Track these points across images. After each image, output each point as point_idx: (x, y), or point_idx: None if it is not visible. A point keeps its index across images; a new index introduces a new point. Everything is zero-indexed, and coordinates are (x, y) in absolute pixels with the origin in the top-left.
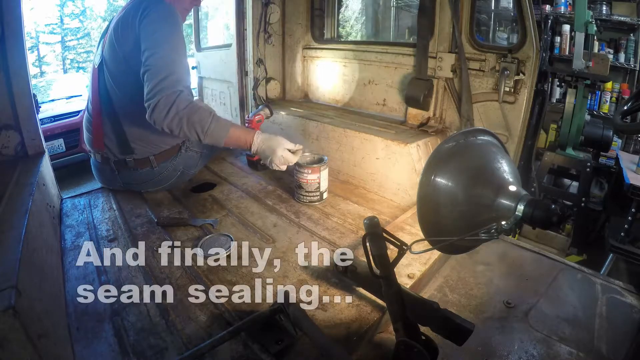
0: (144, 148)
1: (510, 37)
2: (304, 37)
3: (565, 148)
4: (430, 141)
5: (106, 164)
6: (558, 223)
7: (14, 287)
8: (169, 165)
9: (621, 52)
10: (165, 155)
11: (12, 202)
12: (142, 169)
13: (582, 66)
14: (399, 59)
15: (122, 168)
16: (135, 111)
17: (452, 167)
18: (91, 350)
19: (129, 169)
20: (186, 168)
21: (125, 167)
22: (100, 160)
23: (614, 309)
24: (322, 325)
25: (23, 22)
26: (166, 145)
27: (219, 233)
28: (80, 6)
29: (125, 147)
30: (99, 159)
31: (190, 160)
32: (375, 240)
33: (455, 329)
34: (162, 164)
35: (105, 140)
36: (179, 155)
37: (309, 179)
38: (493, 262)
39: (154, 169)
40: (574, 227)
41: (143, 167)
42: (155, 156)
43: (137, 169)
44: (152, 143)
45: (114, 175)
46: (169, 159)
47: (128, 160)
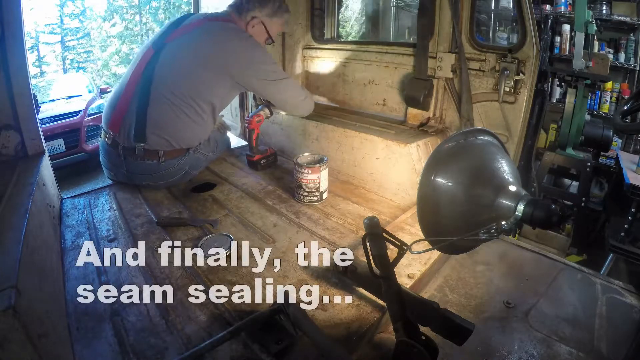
0: (158, 140)
1: (510, 37)
2: (304, 37)
3: (565, 148)
4: (430, 141)
5: (115, 147)
6: (558, 223)
7: (14, 287)
8: (175, 163)
9: (621, 52)
10: (174, 154)
11: (12, 202)
12: (148, 160)
13: (582, 66)
14: (399, 59)
15: (129, 155)
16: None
17: (452, 167)
18: (91, 350)
19: (135, 158)
20: (191, 169)
21: (132, 155)
22: (109, 143)
23: (614, 309)
24: (322, 325)
25: (23, 22)
26: (178, 145)
27: (219, 233)
28: (80, 6)
29: (140, 133)
30: (109, 140)
31: (196, 162)
32: (375, 240)
33: (455, 329)
34: (169, 161)
35: (125, 120)
36: (187, 155)
37: (309, 179)
38: (493, 262)
39: (160, 164)
40: (574, 227)
41: (151, 158)
42: (164, 152)
43: (144, 160)
44: (168, 138)
45: (119, 161)
46: (177, 157)
47: (138, 148)
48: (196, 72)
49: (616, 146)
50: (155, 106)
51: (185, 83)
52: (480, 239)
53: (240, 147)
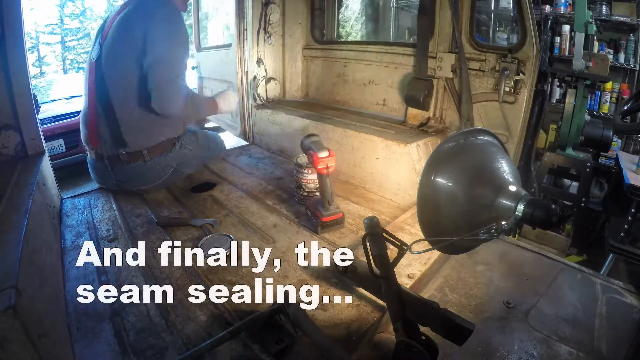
0: (137, 140)
1: (510, 37)
2: (304, 37)
3: (565, 148)
4: (430, 141)
5: (100, 160)
6: (558, 223)
7: (14, 287)
8: (161, 160)
9: (621, 52)
10: (158, 150)
11: (12, 202)
12: (134, 162)
13: (582, 66)
14: (399, 59)
15: (115, 163)
16: (132, 102)
17: (452, 167)
18: (91, 350)
19: (121, 164)
20: (179, 165)
21: (118, 162)
22: (94, 158)
23: (614, 309)
24: (322, 325)
25: (23, 22)
26: (161, 137)
27: (219, 233)
28: (80, 6)
29: (119, 139)
30: (94, 156)
31: (184, 158)
32: (375, 240)
33: (455, 329)
34: (154, 159)
35: (100, 133)
36: (172, 151)
37: (309, 179)
38: (493, 262)
39: (146, 163)
40: (574, 227)
41: (136, 160)
42: (148, 150)
43: (130, 163)
44: (146, 135)
45: (107, 173)
46: (162, 154)
47: (121, 154)
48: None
49: (616, 146)
50: (121, 110)
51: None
52: (480, 239)
53: (240, 147)
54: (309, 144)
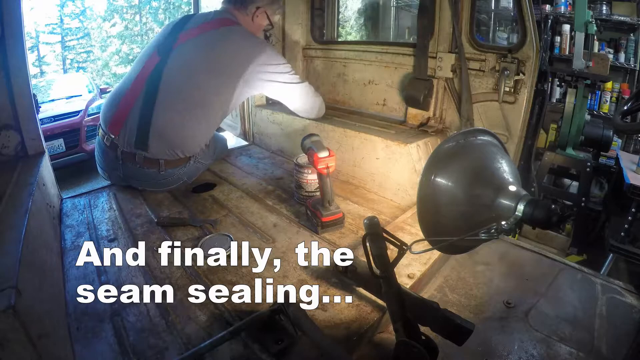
0: (159, 148)
1: (510, 37)
2: (304, 37)
3: (565, 148)
4: (430, 141)
5: (113, 150)
6: (558, 223)
7: (14, 287)
8: (175, 172)
9: (621, 52)
10: (175, 163)
11: (12, 202)
12: (148, 168)
13: (582, 66)
14: (399, 59)
15: (128, 160)
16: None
17: (452, 167)
18: (91, 350)
19: (135, 164)
20: (189, 177)
21: (131, 161)
22: (108, 144)
23: (614, 309)
24: (322, 325)
25: (23, 22)
26: (181, 154)
27: (219, 233)
28: (80, 6)
29: (143, 140)
30: (108, 142)
31: (195, 171)
32: (375, 240)
33: (455, 329)
34: (168, 171)
35: (127, 122)
36: (186, 166)
37: (309, 179)
38: (493, 262)
39: (160, 173)
40: (574, 227)
41: (150, 167)
42: (165, 161)
43: (143, 168)
44: (171, 147)
45: (117, 163)
46: (177, 167)
47: (138, 155)
48: (206, 79)
49: (616, 146)
50: (161, 114)
51: (195, 90)
52: (480, 239)
53: (240, 147)
54: (309, 144)
